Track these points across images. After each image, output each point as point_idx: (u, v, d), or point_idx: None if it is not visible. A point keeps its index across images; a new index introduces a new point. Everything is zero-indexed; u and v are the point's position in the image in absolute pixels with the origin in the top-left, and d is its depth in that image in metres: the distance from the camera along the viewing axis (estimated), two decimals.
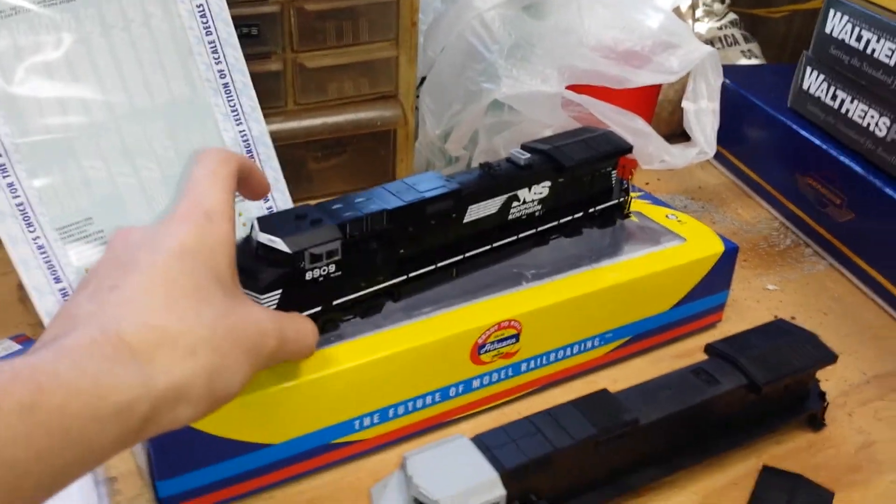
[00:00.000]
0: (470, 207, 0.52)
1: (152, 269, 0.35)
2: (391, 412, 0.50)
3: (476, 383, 0.53)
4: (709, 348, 0.53)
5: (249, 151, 0.60)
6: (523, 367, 0.54)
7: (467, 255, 0.53)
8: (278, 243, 0.43)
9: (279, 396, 0.45)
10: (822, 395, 0.55)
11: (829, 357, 0.54)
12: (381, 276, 0.49)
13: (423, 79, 0.76)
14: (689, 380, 0.50)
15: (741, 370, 0.50)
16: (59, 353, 0.31)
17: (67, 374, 0.30)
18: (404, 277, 0.50)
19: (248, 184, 0.43)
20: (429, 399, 0.51)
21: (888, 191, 0.67)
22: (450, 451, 0.43)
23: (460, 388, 0.52)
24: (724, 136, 0.77)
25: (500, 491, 0.41)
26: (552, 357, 0.56)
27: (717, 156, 0.85)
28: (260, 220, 0.44)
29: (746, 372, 0.50)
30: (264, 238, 0.43)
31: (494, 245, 0.55)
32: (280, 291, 0.44)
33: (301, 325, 0.42)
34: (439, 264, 0.52)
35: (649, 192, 0.80)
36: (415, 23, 0.71)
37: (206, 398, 0.34)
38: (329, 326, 0.48)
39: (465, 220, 0.52)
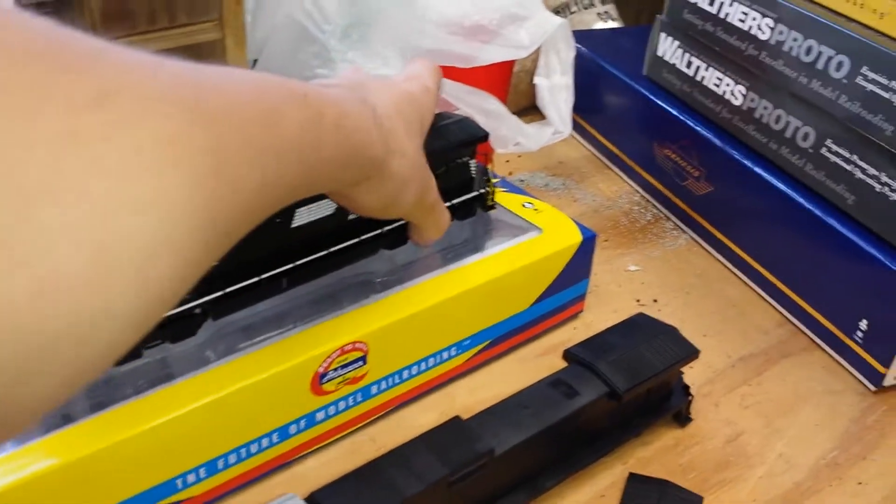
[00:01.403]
0: (298, 210, 0.46)
1: (392, 93, 0.42)
2: (221, 462, 0.44)
3: (320, 415, 0.47)
4: (567, 354, 0.49)
5: None
6: (373, 389, 0.50)
7: (298, 263, 0.48)
8: None
9: (87, 462, 0.39)
10: (687, 389, 0.53)
11: (692, 352, 0.51)
12: (190, 292, 0.43)
13: (255, 62, 0.69)
14: (548, 394, 0.46)
15: (601, 377, 0.47)
16: (326, 88, 0.35)
17: (342, 103, 0.35)
18: (220, 293, 0.44)
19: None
20: (265, 441, 0.45)
21: (746, 162, 0.65)
22: None
23: (302, 424, 0.47)
24: (582, 107, 0.74)
25: None
26: (405, 374, 0.51)
27: (577, 128, 0.82)
28: None
29: (606, 380, 0.47)
30: None
31: (332, 250, 0.49)
32: None
33: (445, 212, 0.49)
34: (264, 276, 0.46)
35: (509, 171, 0.76)
36: (239, 1, 0.63)
37: (391, 192, 0.41)
38: (128, 356, 0.42)
39: (292, 225, 0.46)
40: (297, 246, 0.47)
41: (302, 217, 0.46)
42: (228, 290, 0.45)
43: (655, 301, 0.64)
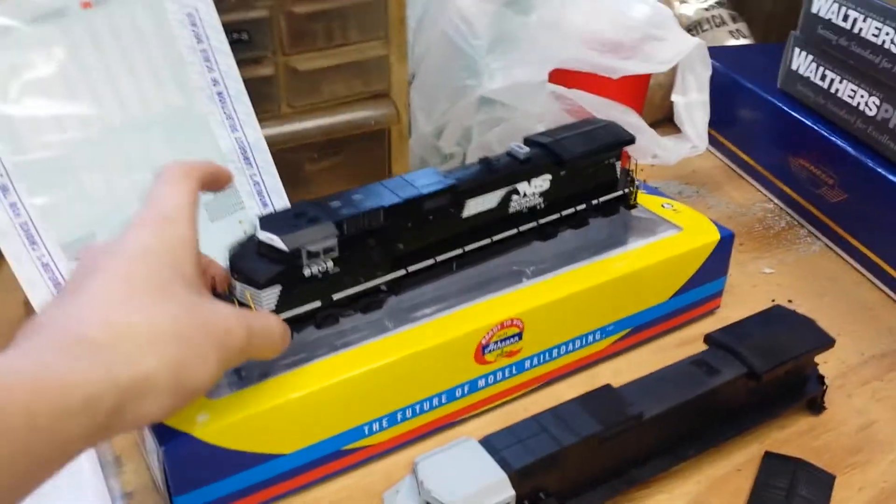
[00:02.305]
0: (468, 202, 0.52)
1: (113, 270, 0.36)
2: (399, 416, 0.50)
3: (481, 383, 0.53)
4: (708, 338, 0.53)
5: (247, 158, 0.60)
6: (527, 364, 0.55)
7: (467, 249, 0.54)
8: (276, 241, 0.44)
9: (290, 406, 0.46)
10: (821, 378, 0.56)
11: (827, 341, 0.54)
12: (380, 272, 0.50)
13: (414, 76, 0.76)
14: (690, 371, 0.51)
15: (740, 359, 0.51)
16: (22, 354, 0.32)
17: (32, 370, 0.30)
18: (403, 272, 0.51)
19: (216, 184, 0.45)
20: (435, 401, 0.52)
21: (879, 170, 0.68)
22: (459, 454, 0.44)
23: (466, 389, 0.53)
24: (715, 120, 0.78)
25: (509, 491, 0.42)
26: (555, 353, 0.56)
27: (710, 139, 0.86)
28: (261, 218, 0.46)
29: (745, 361, 0.51)
30: (264, 236, 0.45)
31: (494, 239, 0.55)
32: (279, 287, 0.45)
33: (267, 322, 0.43)
34: (438, 259, 0.53)
35: (644, 179, 0.81)
36: (403, 20, 0.71)
37: (172, 391, 0.35)
38: (328, 322, 0.49)
39: (463, 215, 0.53)
40: (466, 233, 0.53)
41: (470, 208, 0.53)
42: (410, 269, 0.51)
43: (790, 301, 0.67)
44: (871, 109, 0.70)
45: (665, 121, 0.81)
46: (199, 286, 0.39)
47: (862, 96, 0.71)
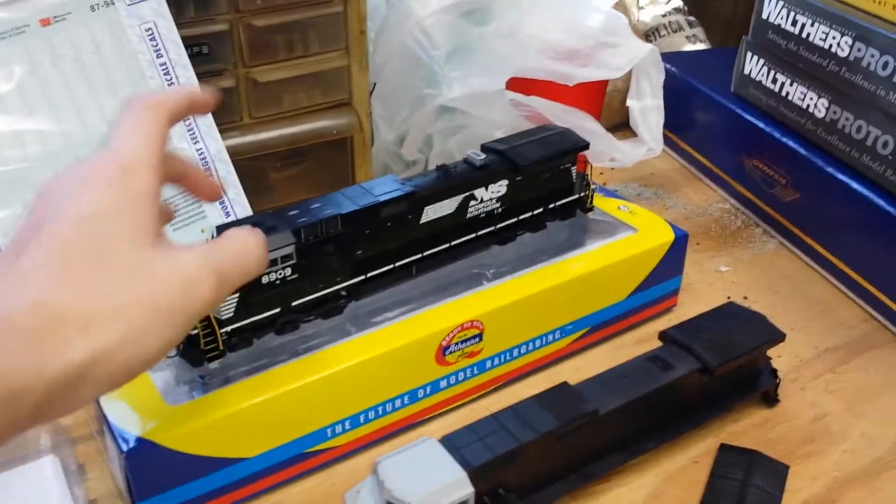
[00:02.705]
0: (426, 208, 0.54)
1: (53, 237, 0.33)
2: (362, 418, 0.51)
3: (443, 384, 0.54)
4: (663, 335, 0.55)
5: (208, 168, 0.61)
6: (488, 364, 0.56)
7: (426, 254, 0.55)
8: None
9: (252, 411, 0.46)
10: (774, 372, 0.58)
11: (778, 336, 0.56)
12: (339, 278, 0.51)
13: (374, 85, 0.77)
14: (646, 367, 0.52)
15: (694, 355, 0.52)
16: None
17: None
18: (363, 278, 0.52)
19: (196, 109, 0.41)
20: (398, 402, 0.52)
21: (830, 170, 0.70)
22: (419, 454, 0.44)
23: (428, 390, 0.54)
24: (672, 123, 0.80)
25: (468, 489, 0.43)
26: (515, 353, 0.57)
27: (668, 142, 0.88)
28: (218, 227, 0.46)
29: (699, 356, 0.52)
30: None
31: (453, 243, 0.56)
32: (237, 296, 0.46)
33: (239, 248, 0.38)
34: (398, 264, 0.54)
35: (603, 182, 0.82)
36: (363, 31, 0.72)
37: (108, 376, 0.32)
38: (289, 328, 0.50)
39: (421, 221, 0.54)
40: (424, 239, 0.55)
41: (428, 214, 0.54)
42: (369, 275, 0.52)
43: (745, 298, 0.68)
44: (820, 111, 0.72)
45: (623, 125, 0.82)
46: (154, 237, 0.35)
47: (812, 98, 0.73)
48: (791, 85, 0.75)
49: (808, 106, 0.73)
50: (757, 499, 0.50)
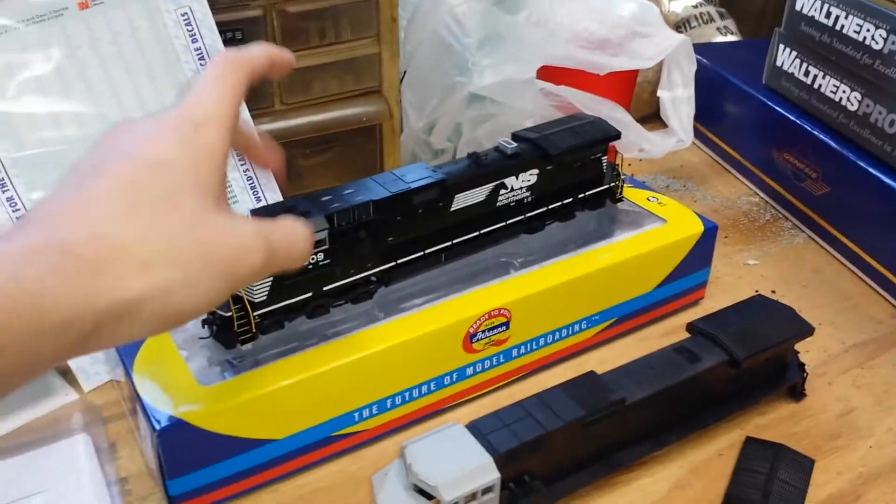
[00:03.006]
0: (457, 196, 0.54)
1: (119, 175, 0.33)
2: (389, 403, 0.52)
3: (469, 371, 0.55)
4: (690, 327, 0.55)
5: (239, 156, 0.62)
6: (514, 352, 0.56)
7: (455, 241, 0.55)
8: None
9: (281, 393, 0.47)
10: (802, 366, 0.57)
11: (807, 329, 0.56)
12: (370, 264, 0.51)
13: (405, 73, 0.78)
14: (673, 358, 0.52)
15: (721, 346, 0.52)
16: None
17: (4, 286, 0.28)
18: (393, 264, 0.52)
19: (275, 70, 0.41)
20: (424, 388, 0.53)
21: (861, 163, 0.69)
22: (446, 438, 0.45)
23: (454, 377, 0.54)
24: (702, 115, 0.79)
25: (494, 474, 0.43)
26: (542, 342, 0.58)
27: (698, 134, 0.87)
28: (253, 211, 0.47)
29: (726, 348, 0.52)
30: None
31: (482, 231, 0.57)
32: (271, 280, 0.46)
33: (290, 232, 0.39)
34: (427, 251, 0.54)
35: (632, 173, 0.82)
36: (395, 18, 0.72)
37: (157, 316, 0.32)
38: (319, 312, 0.51)
39: (452, 209, 0.54)
40: (454, 226, 0.55)
41: (459, 202, 0.54)
42: (399, 261, 0.53)
43: (773, 292, 0.68)
44: (852, 104, 0.71)
45: (652, 116, 0.82)
46: (217, 199, 0.35)
47: (844, 91, 0.72)
48: (823, 77, 0.74)
49: (841, 99, 0.72)
50: (782, 492, 0.50)
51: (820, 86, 0.74)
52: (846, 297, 0.69)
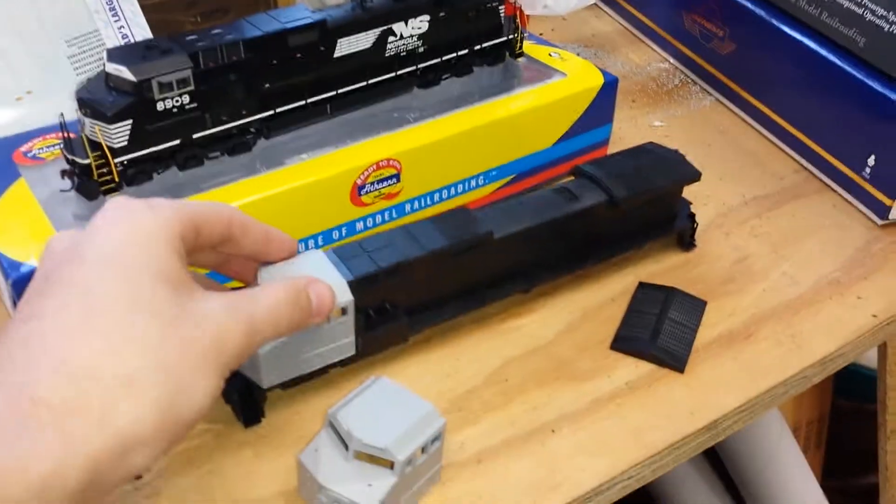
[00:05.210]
0: (339, 41, 0.51)
1: (70, 287, 0.29)
2: None
3: (359, 226, 0.53)
4: (575, 169, 0.54)
5: (113, 9, 0.58)
6: (407, 207, 0.55)
7: (340, 91, 0.53)
8: (124, 72, 0.43)
9: None
10: (692, 215, 0.57)
11: (693, 174, 0.55)
12: (245, 111, 0.49)
13: None
14: (551, 198, 0.51)
15: (602, 187, 0.51)
16: None
17: None
18: (271, 113, 0.50)
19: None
20: (312, 243, 0.51)
21: (765, 15, 0.68)
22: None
23: (343, 231, 0.53)
24: None
25: (348, 296, 0.41)
26: (436, 197, 0.56)
27: (610, 2, 0.85)
28: (109, 51, 0.44)
29: (606, 188, 0.51)
30: (112, 68, 0.43)
31: (370, 82, 0.54)
32: (130, 122, 0.44)
33: (273, 303, 0.35)
34: (309, 100, 0.52)
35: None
36: None
37: (160, 437, 0.28)
38: (192, 163, 0.48)
39: (335, 55, 0.52)
40: (339, 76, 0.52)
41: (343, 48, 0.52)
42: (279, 110, 0.50)
43: (676, 151, 0.67)
44: None
45: None
46: (180, 279, 0.31)
47: None
48: None
49: None
50: (673, 331, 0.50)
51: None
52: (750, 153, 0.68)
